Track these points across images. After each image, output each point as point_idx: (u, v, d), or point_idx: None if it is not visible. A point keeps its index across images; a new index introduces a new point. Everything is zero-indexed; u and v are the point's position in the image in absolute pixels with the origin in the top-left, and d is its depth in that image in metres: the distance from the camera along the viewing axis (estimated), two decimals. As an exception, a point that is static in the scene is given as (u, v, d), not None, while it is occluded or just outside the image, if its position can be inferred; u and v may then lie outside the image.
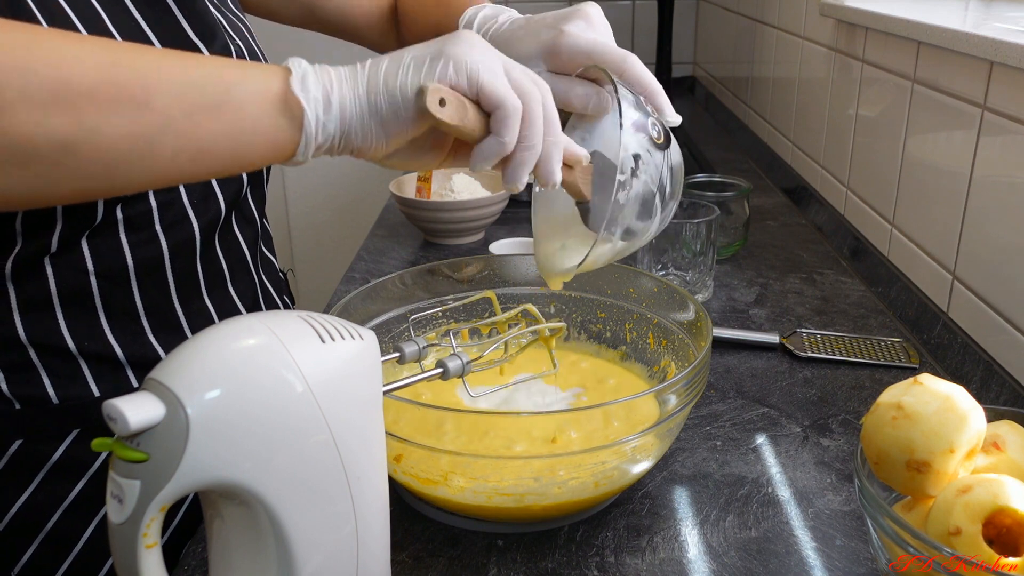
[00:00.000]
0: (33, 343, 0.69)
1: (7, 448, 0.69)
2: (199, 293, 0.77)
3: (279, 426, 0.44)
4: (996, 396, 0.84)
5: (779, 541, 0.66)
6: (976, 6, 1.13)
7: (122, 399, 0.42)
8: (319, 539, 0.47)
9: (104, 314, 0.71)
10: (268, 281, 0.88)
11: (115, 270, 0.70)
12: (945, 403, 0.55)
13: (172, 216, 0.72)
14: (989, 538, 0.51)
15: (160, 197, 0.71)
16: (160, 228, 0.71)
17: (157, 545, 0.43)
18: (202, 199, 0.74)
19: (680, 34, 2.32)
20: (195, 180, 0.53)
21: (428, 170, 1.33)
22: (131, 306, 0.72)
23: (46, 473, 0.71)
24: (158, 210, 0.71)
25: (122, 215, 0.69)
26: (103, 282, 0.70)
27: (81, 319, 0.70)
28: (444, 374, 0.61)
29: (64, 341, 0.70)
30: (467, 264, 0.85)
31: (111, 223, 0.69)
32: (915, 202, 1.05)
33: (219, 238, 0.78)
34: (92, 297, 0.70)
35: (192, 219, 0.73)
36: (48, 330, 0.69)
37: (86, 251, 0.68)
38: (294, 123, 0.52)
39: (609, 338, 0.85)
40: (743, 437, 0.79)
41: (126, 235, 0.69)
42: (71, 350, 0.70)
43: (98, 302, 0.70)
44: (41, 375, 0.70)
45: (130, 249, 0.70)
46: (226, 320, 0.47)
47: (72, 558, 0.72)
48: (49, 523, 0.71)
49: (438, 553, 0.65)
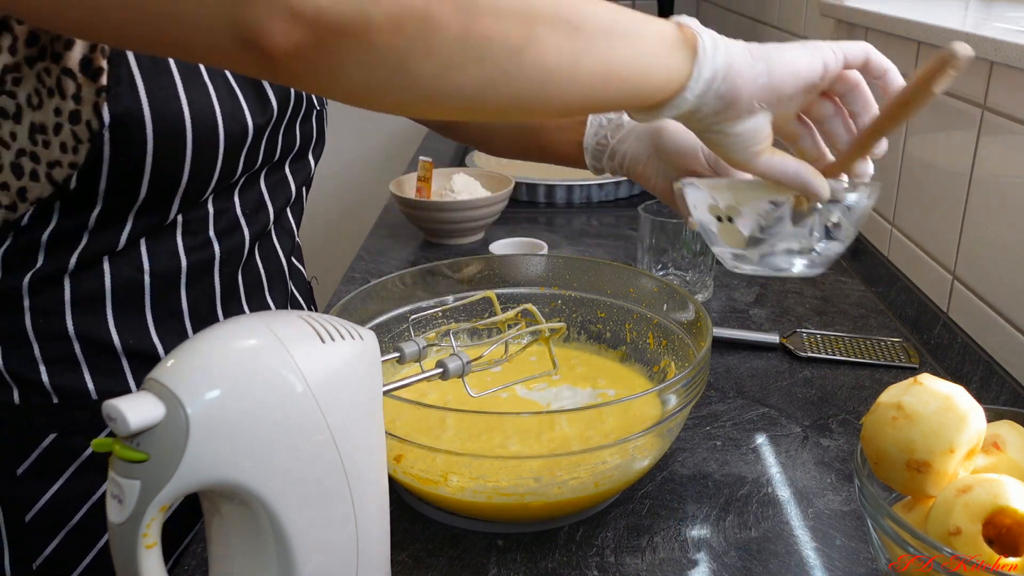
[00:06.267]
0: (80, 337, 0.71)
1: (41, 441, 0.71)
2: (239, 299, 0.81)
3: (279, 426, 0.44)
4: (996, 396, 0.84)
5: (779, 541, 0.66)
6: (976, 6, 1.13)
7: (122, 399, 0.42)
8: (319, 539, 0.47)
9: (151, 313, 0.73)
10: (297, 290, 0.92)
11: (169, 272, 0.73)
12: (945, 403, 0.55)
13: (225, 223, 0.76)
14: (989, 538, 0.51)
15: (217, 205, 0.75)
16: (213, 234, 0.75)
17: (157, 545, 0.43)
18: (254, 210, 0.79)
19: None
20: (603, 106, 0.56)
21: (428, 169, 1.34)
22: (177, 307, 0.75)
23: (76, 468, 0.72)
24: (214, 216, 0.75)
25: (181, 219, 0.72)
26: (156, 281, 0.73)
27: (129, 317, 0.73)
28: (444, 374, 0.61)
29: (110, 337, 0.72)
30: (467, 264, 0.85)
31: (171, 226, 0.72)
32: (915, 202, 1.05)
33: (259, 247, 0.82)
34: (143, 296, 0.73)
35: (244, 227, 0.78)
36: (96, 325, 0.71)
37: (144, 251, 0.71)
38: (689, 57, 0.55)
39: (609, 338, 0.85)
40: (743, 437, 0.79)
41: (182, 238, 0.73)
42: (116, 346, 0.72)
43: (147, 301, 0.73)
44: (83, 369, 0.71)
45: (185, 252, 0.73)
46: (226, 320, 0.47)
47: (94, 553, 0.73)
48: (75, 517, 0.72)
49: (438, 553, 0.65)
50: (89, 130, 0.64)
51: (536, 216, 1.43)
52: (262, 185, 0.80)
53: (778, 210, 0.70)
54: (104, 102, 0.63)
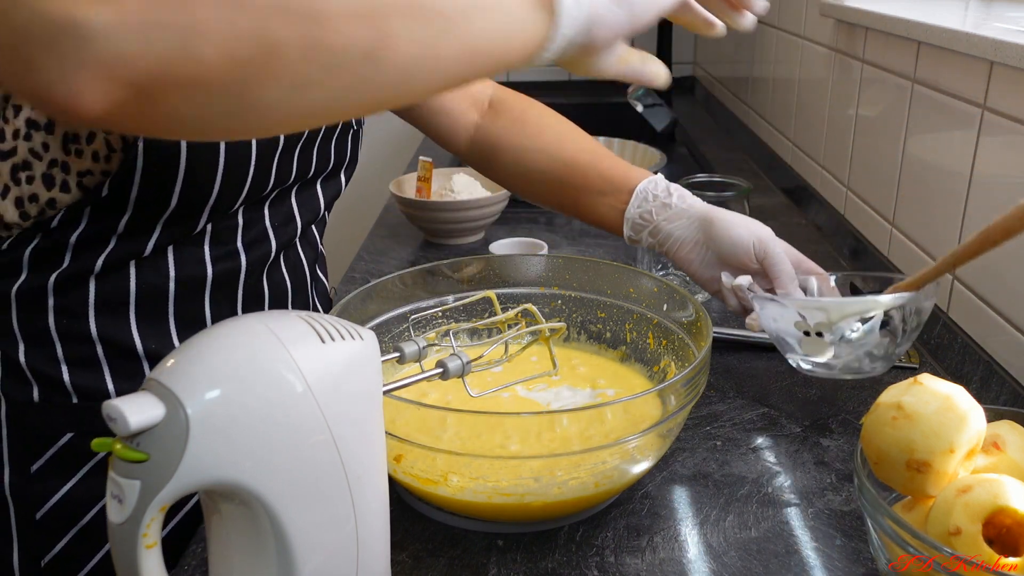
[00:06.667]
0: (102, 339, 0.71)
1: (57, 440, 0.71)
2: (263, 308, 0.80)
3: (279, 426, 0.44)
4: (996, 396, 0.84)
5: (779, 541, 0.66)
6: (976, 6, 1.13)
7: (122, 399, 0.42)
8: (319, 539, 0.47)
9: (174, 319, 0.73)
10: (319, 300, 0.93)
11: (195, 279, 0.73)
12: (945, 403, 0.55)
13: (254, 235, 0.76)
14: (989, 538, 0.51)
15: (247, 216, 0.75)
16: (241, 245, 0.75)
17: (157, 545, 0.43)
18: (283, 223, 0.79)
19: (680, 34, 2.32)
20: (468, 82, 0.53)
21: (428, 169, 1.34)
22: (200, 315, 0.75)
23: (90, 468, 0.72)
24: (243, 227, 0.75)
25: (211, 228, 0.72)
26: (181, 289, 0.73)
27: (152, 322, 0.72)
28: (444, 374, 0.61)
29: (133, 340, 0.72)
30: (467, 264, 0.85)
31: (199, 234, 0.72)
32: (915, 202, 1.05)
33: (285, 259, 0.82)
34: (167, 302, 0.72)
35: (272, 240, 0.78)
36: (119, 328, 0.71)
37: (171, 258, 0.71)
38: (548, 15, 0.53)
39: (609, 338, 0.85)
40: (743, 437, 0.79)
41: (210, 248, 0.73)
42: (138, 350, 0.72)
43: (171, 308, 0.73)
44: (104, 371, 0.72)
45: (211, 262, 0.73)
46: (226, 320, 0.47)
47: (102, 554, 0.74)
48: (85, 517, 0.73)
49: (438, 553, 0.65)
50: (123, 139, 0.64)
51: (536, 216, 1.43)
52: (293, 200, 0.80)
53: (868, 323, 0.73)
54: None
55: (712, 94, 2.23)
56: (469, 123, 0.98)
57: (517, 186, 1.00)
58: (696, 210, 0.87)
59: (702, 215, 0.86)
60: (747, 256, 0.84)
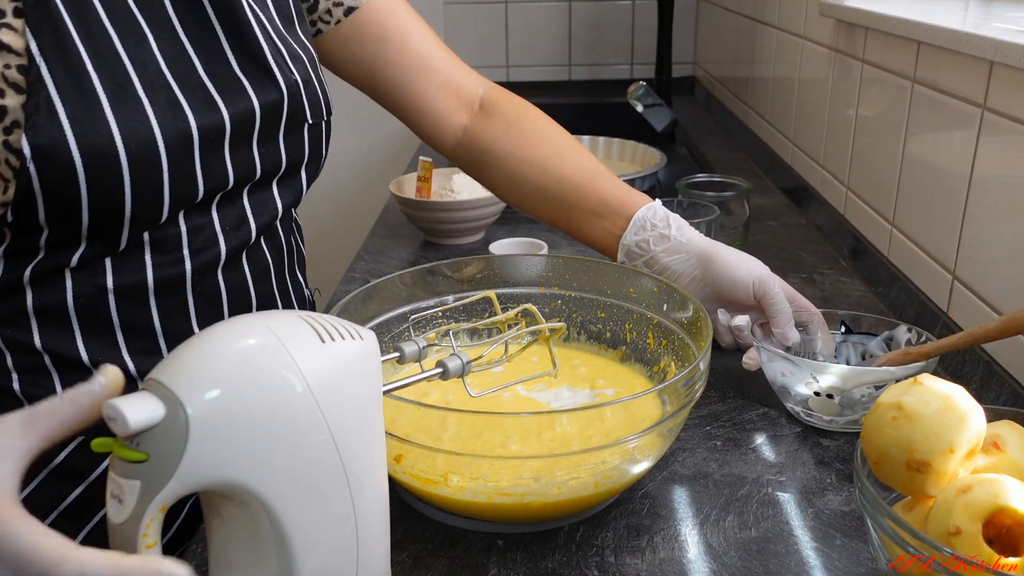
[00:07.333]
0: (48, 351, 0.69)
1: None
2: (221, 314, 0.76)
3: (279, 426, 0.44)
4: (996, 396, 0.84)
5: (779, 541, 0.66)
6: (976, 6, 1.13)
7: (122, 399, 0.42)
8: (319, 539, 0.47)
9: (121, 330, 0.71)
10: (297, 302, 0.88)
11: (135, 287, 0.70)
12: (945, 403, 0.55)
13: (202, 240, 0.73)
14: (989, 538, 0.51)
15: (191, 221, 0.71)
16: (188, 252, 0.72)
17: (157, 545, 0.43)
18: (234, 227, 0.75)
19: (680, 34, 2.32)
20: None
21: (428, 169, 1.34)
22: (149, 323, 0.72)
23: (46, 475, 0.71)
24: (188, 234, 0.71)
25: (148, 237, 0.69)
26: (120, 299, 0.70)
27: (97, 333, 0.70)
28: (444, 374, 0.61)
29: (79, 353, 0.70)
30: (467, 264, 0.85)
31: (138, 244, 0.69)
32: (915, 202, 1.05)
33: (248, 259, 0.78)
34: (109, 313, 0.70)
35: (221, 243, 0.74)
36: (63, 341, 0.69)
37: (108, 268, 0.69)
38: None
39: (609, 338, 0.85)
40: (743, 437, 0.79)
41: (151, 255, 0.70)
42: (85, 363, 0.70)
43: (115, 318, 0.70)
44: (54, 381, 0.70)
45: (152, 269, 0.70)
46: (226, 320, 0.47)
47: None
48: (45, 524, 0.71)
49: (438, 553, 0.65)
50: (10, 167, 0.62)
51: (536, 216, 1.43)
52: (245, 202, 0.76)
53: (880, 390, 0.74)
54: (22, 135, 0.60)
55: (712, 94, 2.23)
56: (457, 125, 0.95)
57: (507, 196, 0.97)
58: (695, 245, 0.86)
59: (701, 251, 0.86)
60: (746, 295, 0.84)
